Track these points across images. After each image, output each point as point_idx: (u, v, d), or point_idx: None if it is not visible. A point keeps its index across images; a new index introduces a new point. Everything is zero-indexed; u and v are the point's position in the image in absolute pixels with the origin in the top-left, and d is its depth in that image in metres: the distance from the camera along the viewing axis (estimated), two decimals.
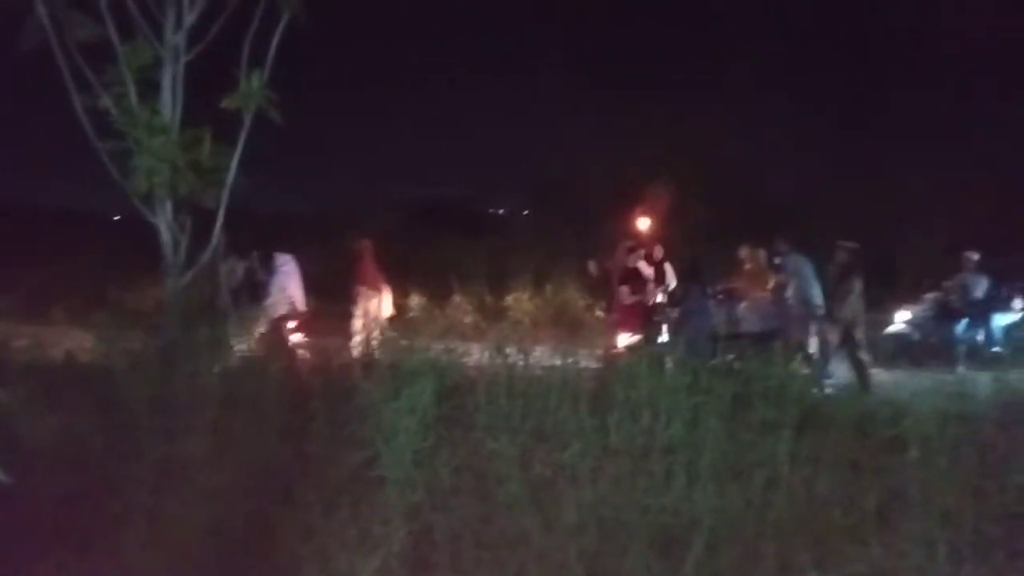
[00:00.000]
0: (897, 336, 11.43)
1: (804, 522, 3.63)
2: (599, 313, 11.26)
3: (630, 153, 16.69)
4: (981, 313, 10.84)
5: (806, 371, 6.37)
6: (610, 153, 17.25)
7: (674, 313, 9.22)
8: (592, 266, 10.52)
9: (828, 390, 6.39)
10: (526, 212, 21.94)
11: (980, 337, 10.94)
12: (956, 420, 4.48)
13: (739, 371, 5.55)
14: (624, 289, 9.39)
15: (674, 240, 12.14)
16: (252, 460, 4.28)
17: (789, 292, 9.15)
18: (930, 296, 11.63)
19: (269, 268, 9.25)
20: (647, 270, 10.79)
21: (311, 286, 9.83)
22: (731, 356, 6.92)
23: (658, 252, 11.14)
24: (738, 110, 17.14)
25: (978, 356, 10.31)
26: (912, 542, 3.32)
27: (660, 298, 10.19)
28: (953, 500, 3.61)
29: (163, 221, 5.83)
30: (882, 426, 4.54)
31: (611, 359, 7.13)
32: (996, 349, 10.55)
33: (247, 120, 5.84)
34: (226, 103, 5.72)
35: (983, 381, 5.29)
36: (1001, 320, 11.02)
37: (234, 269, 9.71)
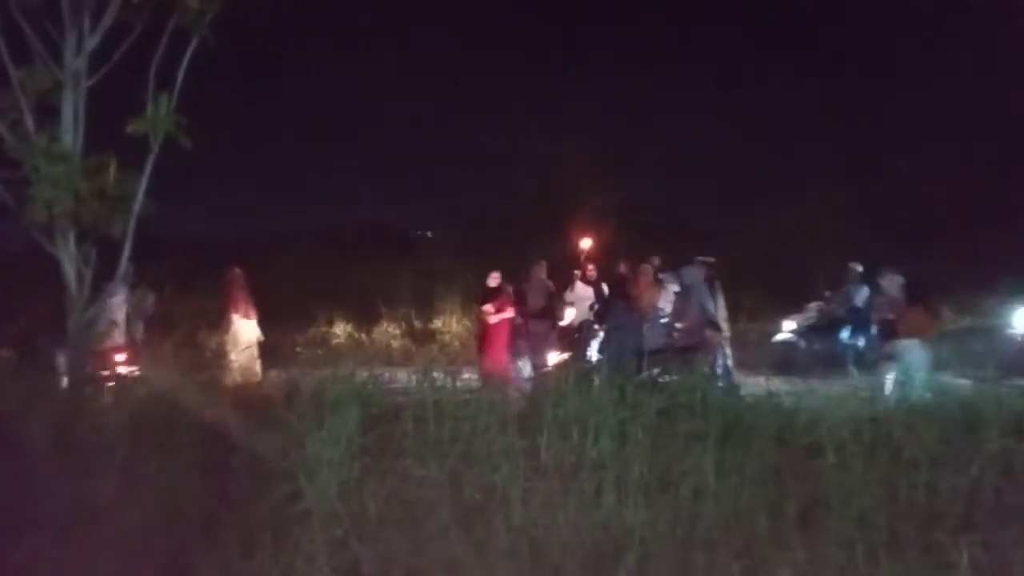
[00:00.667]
0: (784, 344, 11.78)
1: (731, 531, 3.69)
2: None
3: (557, 175, 16.93)
4: (862, 321, 11.18)
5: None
6: (538, 174, 17.48)
7: (600, 330, 9.31)
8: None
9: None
10: (455, 233, 21.93)
11: (861, 343, 11.21)
12: (869, 423, 4.69)
13: (664, 385, 5.66)
14: (488, 307, 9.30)
15: (601, 258, 12.35)
16: (165, 500, 4.06)
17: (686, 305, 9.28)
18: (813, 305, 12.09)
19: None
20: (584, 291, 10.90)
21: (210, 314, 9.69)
22: (656, 371, 7.08)
23: (591, 273, 11.27)
24: (660, 132, 17.71)
25: (860, 362, 10.64)
26: (833, 545, 3.41)
27: (575, 317, 10.34)
28: (869, 501, 3.74)
29: (65, 253, 5.53)
30: (800, 433, 4.70)
31: (540, 378, 7.15)
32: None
33: (155, 146, 5.61)
34: (132, 128, 5.49)
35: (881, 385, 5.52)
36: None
37: (143, 300, 9.27)
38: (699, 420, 4.79)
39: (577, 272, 11.74)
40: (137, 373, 5.57)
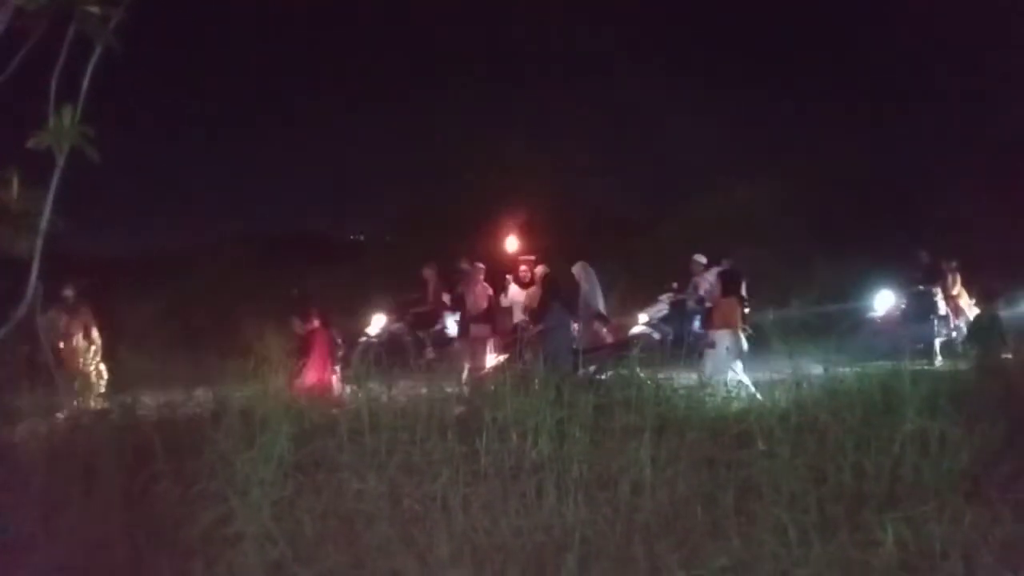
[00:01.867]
0: (640, 336, 11.57)
1: (669, 523, 3.75)
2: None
3: (487, 178, 16.93)
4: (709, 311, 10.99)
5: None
6: (468, 177, 17.43)
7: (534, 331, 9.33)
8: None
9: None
10: (387, 237, 21.59)
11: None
12: (795, 409, 4.86)
13: (599, 382, 5.73)
14: (296, 320, 9.00)
15: (536, 260, 12.37)
16: (90, 530, 3.87)
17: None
18: (663, 297, 12.18)
19: None
20: (518, 294, 10.90)
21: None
22: (592, 368, 7.15)
23: (524, 275, 11.27)
24: (592, 131, 17.95)
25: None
26: (767, 531, 3.50)
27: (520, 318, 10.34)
28: (799, 485, 3.87)
29: None
30: (732, 423, 4.83)
31: (478, 382, 7.13)
32: None
33: (60, 160, 5.32)
34: (33, 143, 5.19)
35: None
36: None
37: (55, 322, 8.82)
38: (634, 415, 4.88)
39: (509, 276, 11.77)
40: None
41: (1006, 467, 3.85)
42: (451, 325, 10.75)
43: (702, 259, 11.60)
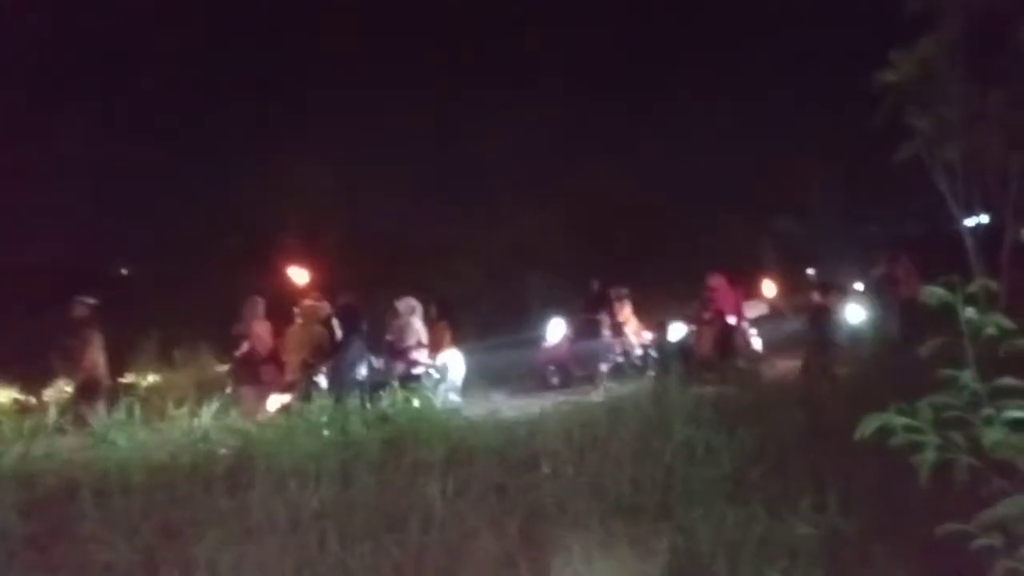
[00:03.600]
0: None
1: (458, 556, 3.65)
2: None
3: (265, 209, 16.09)
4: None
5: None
6: (243, 208, 16.44)
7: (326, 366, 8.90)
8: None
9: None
10: (153, 271, 19.59)
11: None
12: (579, 428, 5.02)
13: (388, 417, 5.55)
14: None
15: (327, 291, 11.89)
16: None
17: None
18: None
19: None
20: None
21: None
22: (383, 402, 6.94)
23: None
24: (378, 159, 17.67)
25: None
26: (552, 553, 3.52)
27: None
28: (582, 504, 3.95)
29: None
30: (520, 447, 4.88)
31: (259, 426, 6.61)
32: None
33: None
34: None
35: None
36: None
37: None
38: (424, 448, 4.76)
39: (297, 309, 11.21)
40: None
41: (759, 468, 4.20)
42: None
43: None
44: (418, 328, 9.02)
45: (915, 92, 9.98)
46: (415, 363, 8.71)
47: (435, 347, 9.53)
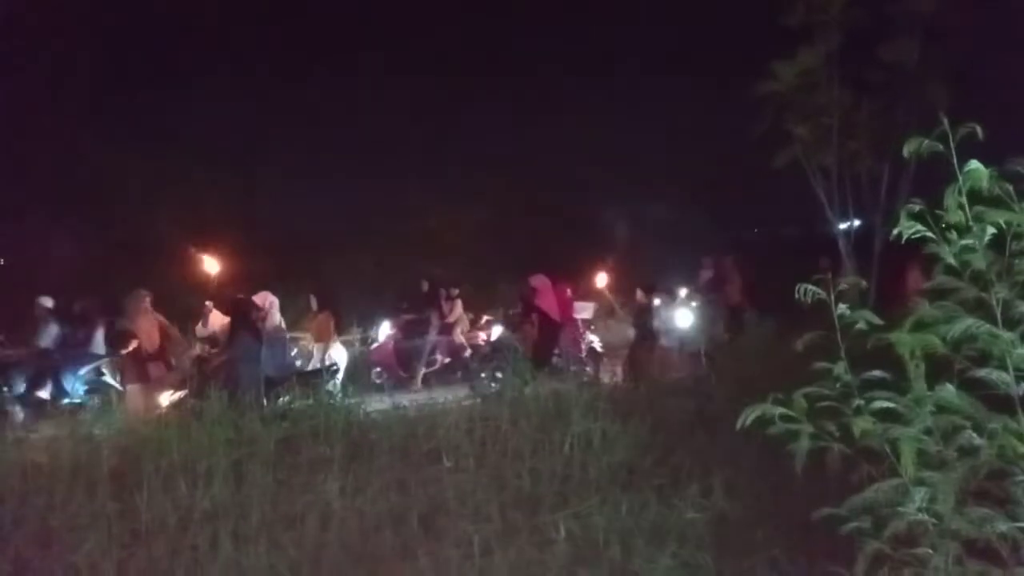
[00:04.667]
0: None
1: (358, 553, 3.62)
2: None
3: (156, 199, 15.26)
4: (51, 365, 9.03)
5: None
6: (129, 199, 15.54)
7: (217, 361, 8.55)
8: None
9: None
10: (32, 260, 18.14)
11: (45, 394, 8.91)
12: (481, 423, 5.06)
13: (285, 414, 5.42)
14: None
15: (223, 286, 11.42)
16: None
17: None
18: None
19: None
20: (220, 322, 9.90)
21: None
22: (282, 400, 6.75)
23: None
24: (276, 151, 17.12)
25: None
26: (452, 545, 3.55)
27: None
28: (482, 496, 4.00)
29: None
30: (421, 441, 4.87)
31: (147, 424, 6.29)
32: (74, 401, 8.77)
33: None
34: None
35: None
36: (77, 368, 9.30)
37: None
38: (323, 445, 4.68)
39: (209, 303, 10.73)
40: None
41: (651, 457, 4.38)
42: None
43: (47, 301, 9.36)
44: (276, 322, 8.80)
45: (795, 101, 10.61)
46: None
47: (318, 338, 9.45)
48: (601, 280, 13.18)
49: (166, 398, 8.26)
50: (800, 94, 10.56)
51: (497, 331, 11.02)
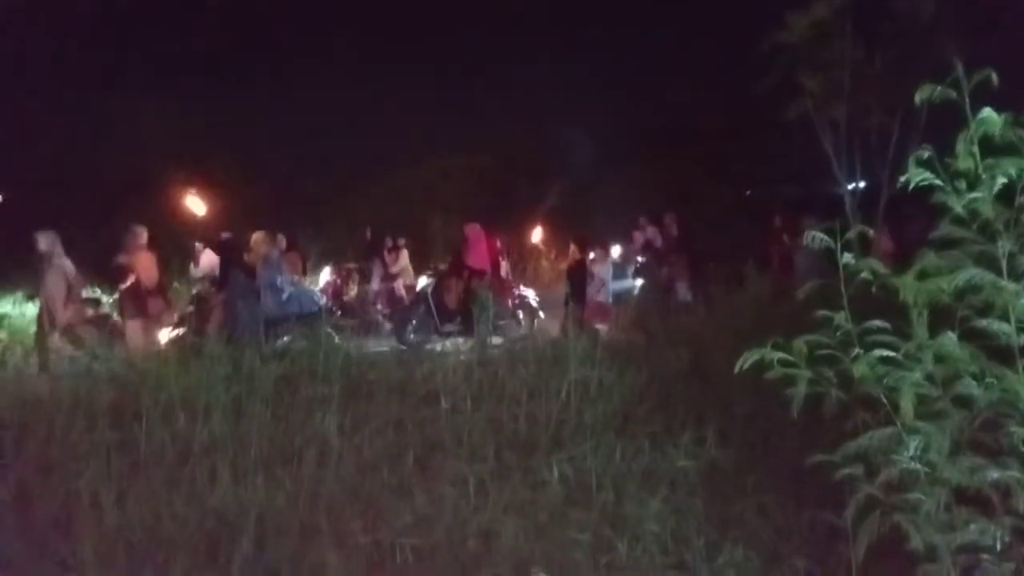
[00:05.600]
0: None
1: (355, 490, 3.67)
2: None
3: (154, 140, 15.10)
4: None
5: None
6: (127, 141, 15.38)
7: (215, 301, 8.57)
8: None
9: None
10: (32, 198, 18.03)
11: None
12: (479, 367, 5.09)
13: (284, 353, 5.44)
14: None
15: (213, 226, 11.40)
16: None
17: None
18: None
19: None
20: (211, 261, 9.89)
21: None
22: (280, 339, 6.79)
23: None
24: (274, 99, 16.93)
25: None
26: (448, 484, 3.60)
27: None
28: (478, 437, 4.04)
29: None
30: (420, 384, 4.90)
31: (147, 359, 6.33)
32: None
33: None
34: None
35: None
36: None
37: None
38: (321, 384, 4.71)
39: (199, 244, 10.69)
40: None
41: (646, 405, 4.41)
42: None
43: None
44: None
45: (807, 53, 10.38)
46: None
47: None
48: (536, 235, 12.95)
49: (165, 335, 8.32)
50: (812, 46, 10.32)
51: (422, 282, 10.76)
